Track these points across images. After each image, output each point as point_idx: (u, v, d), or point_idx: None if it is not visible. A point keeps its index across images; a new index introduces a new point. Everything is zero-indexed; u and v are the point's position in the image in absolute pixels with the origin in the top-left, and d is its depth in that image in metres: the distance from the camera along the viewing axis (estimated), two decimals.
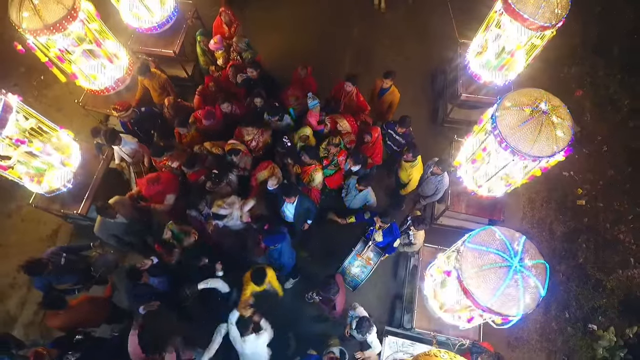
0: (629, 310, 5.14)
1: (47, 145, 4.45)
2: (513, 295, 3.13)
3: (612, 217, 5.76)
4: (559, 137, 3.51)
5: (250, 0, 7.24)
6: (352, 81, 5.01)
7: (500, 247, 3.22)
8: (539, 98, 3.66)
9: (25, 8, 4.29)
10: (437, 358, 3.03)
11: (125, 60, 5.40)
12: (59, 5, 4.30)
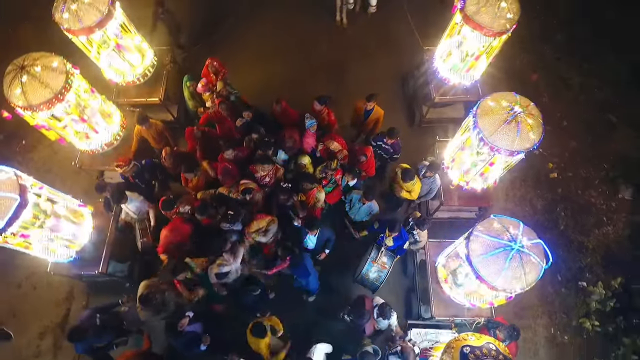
0: (611, 264, 5.83)
1: (61, 219, 4.51)
2: (518, 274, 3.62)
3: (582, 184, 6.46)
4: (532, 136, 4.05)
5: (218, 41, 7.48)
6: (320, 101, 5.41)
7: (501, 235, 3.71)
8: (512, 102, 4.17)
9: (15, 86, 4.36)
10: (466, 341, 3.49)
11: (118, 117, 5.54)
12: (46, 89, 4.28)
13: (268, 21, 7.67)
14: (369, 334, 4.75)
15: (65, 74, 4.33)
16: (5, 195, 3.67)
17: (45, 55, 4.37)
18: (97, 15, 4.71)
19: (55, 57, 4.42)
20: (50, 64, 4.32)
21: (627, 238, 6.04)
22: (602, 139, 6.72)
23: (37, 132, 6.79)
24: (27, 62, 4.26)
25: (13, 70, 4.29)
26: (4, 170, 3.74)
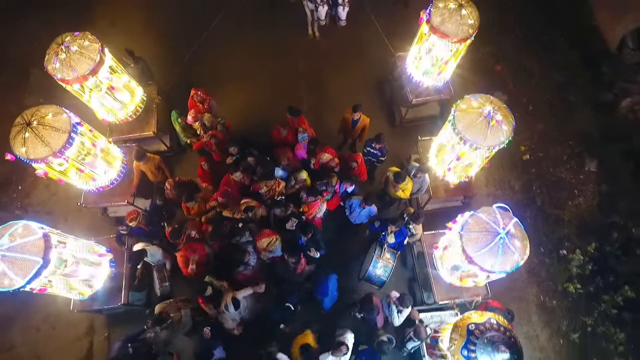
0: (585, 232, 6.48)
1: (80, 265, 4.74)
2: (509, 256, 4.14)
3: (552, 162, 7.08)
4: (505, 129, 4.56)
5: (194, 71, 7.67)
6: (290, 112, 5.81)
7: (488, 226, 4.20)
8: (484, 103, 4.68)
9: (19, 141, 4.55)
10: (470, 319, 3.99)
11: (118, 152, 5.76)
12: (46, 147, 4.48)
13: (240, 43, 7.92)
14: (381, 326, 5.21)
15: (67, 133, 4.52)
16: (29, 258, 3.89)
17: (53, 111, 4.58)
18: (89, 63, 4.96)
19: (62, 113, 4.60)
20: (55, 124, 4.51)
21: (597, 206, 6.70)
22: (565, 119, 7.37)
23: (32, 176, 7.05)
24: (34, 118, 4.44)
25: (20, 124, 4.50)
26: (33, 230, 3.95)
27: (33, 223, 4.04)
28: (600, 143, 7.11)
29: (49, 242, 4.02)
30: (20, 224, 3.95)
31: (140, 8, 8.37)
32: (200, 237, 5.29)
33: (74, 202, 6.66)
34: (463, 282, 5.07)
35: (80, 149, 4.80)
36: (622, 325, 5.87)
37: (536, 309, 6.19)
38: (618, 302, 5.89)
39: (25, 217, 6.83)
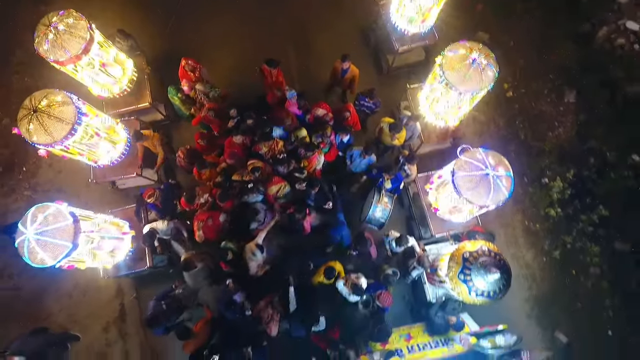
0: (565, 161, 7.00)
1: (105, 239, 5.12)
2: (498, 192, 4.62)
3: (534, 97, 7.42)
4: (489, 76, 4.85)
5: (178, 40, 7.55)
6: (268, 64, 5.97)
7: (480, 163, 4.64)
8: (470, 49, 4.91)
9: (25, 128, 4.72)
10: (465, 248, 4.55)
11: (123, 134, 5.92)
12: (48, 136, 4.65)
13: (217, 3, 7.76)
14: (375, 257, 5.73)
15: (71, 124, 4.65)
16: (60, 243, 4.25)
17: (60, 100, 4.68)
18: (80, 42, 4.98)
19: (69, 103, 4.71)
20: (60, 115, 4.64)
21: (576, 135, 7.18)
22: (545, 53, 7.61)
23: (34, 157, 7.21)
24: (41, 105, 4.57)
25: (27, 109, 4.65)
26: (64, 215, 4.26)
27: (64, 207, 4.33)
28: (578, 75, 7.43)
29: (78, 227, 4.35)
30: (53, 207, 4.24)
31: None
32: (212, 201, 5.64)
33: (81, 177, 6.96)
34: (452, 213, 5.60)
35: (83, 137, 4.94)
36: (596, 241, 6.61)
37: (522, 233, 6.86)
38: (594, 220, 6.56)
39: (36, 197, 7.10)
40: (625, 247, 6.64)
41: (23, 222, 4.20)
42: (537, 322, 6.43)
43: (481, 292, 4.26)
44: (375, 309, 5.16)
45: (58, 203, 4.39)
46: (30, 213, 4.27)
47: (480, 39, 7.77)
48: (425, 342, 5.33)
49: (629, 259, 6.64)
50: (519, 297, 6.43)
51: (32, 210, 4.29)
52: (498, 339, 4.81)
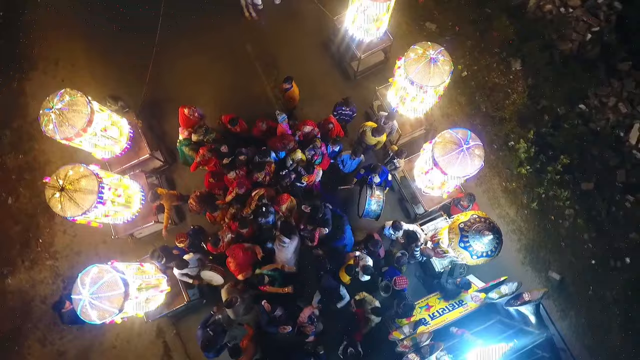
0: (524, 123, 7.91)
1: None
2: (471, 164, 5.42)
3: (486, 71, 8.28)
4: (446, 70, 5.63)
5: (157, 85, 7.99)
6: (231, 123, 6.57)
7: (454, 142, 5.42)
8: (426, 47, 5.67)
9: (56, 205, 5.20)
10: (459, 220, 5.31)
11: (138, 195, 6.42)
12: (78, 208, 5.19)
13: (188, 45, 8.19)
14: (383, 257, 6.48)
15: (95, 194, 5.17)
16: (109, 309, 4.76)
17: (82, 174, 5.19)
18: (83, 117, 5.44)
19: (89, 175, 5.21)
20: (85, 186, 5.16)
21: (528, 98, 8.10)
22: (487, 31, 8.49)
23: (48, 226, 7.58)
24: (66, 182, 5.04)
25: (54, 188, 5.11)
26: (107, 270, 4.77)
27: (117, 276, 4.79)
28: (519, 44, 8.34)
29: (127, 294, 4.84)
30: (109, 274, 4.72)
31: (77, 39, 8.34)
32: (236, 236, 6.21)
33: (96, 236, 7.40)
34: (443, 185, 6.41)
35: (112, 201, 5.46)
36: (565, 186, 7.57)
37: (502, 194, 7.74)
38: (559, 169, 7.51)
39: (58, 264, 7.47)
40: (589, 186, 7.63)
41: (82, 282, 4.65)
42: (532, 267, 7.34)
43: (481, 254, 5.07)
44: (395, 291, 5.90)
45: (113, 265, 4.87)
46: (90, 276, 4.70)
47: (428, 29, 8.60)
48: (443, 308, 6.11)
49: (595, 195, 7.64)
50: (512, 250, 7.32)
51: (92, 272, 4.73)
52: (502, 288, 5.62)
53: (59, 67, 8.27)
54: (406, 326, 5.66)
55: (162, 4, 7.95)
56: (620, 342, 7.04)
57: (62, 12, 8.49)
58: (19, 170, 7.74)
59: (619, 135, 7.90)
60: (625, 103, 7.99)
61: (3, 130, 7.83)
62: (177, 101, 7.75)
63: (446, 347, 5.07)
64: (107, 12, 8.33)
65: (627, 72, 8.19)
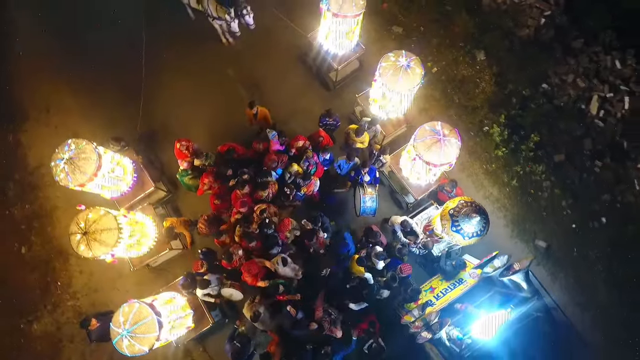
0: (494, 108, 8.58)
1: None
2: (454, 146, 6.02)
3: (454, 65, 8.90)
4: (417, 73, 6.21)
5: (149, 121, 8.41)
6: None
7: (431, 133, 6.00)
8: (397, 55, 6.24)
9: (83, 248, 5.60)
10: (448, 207, 5.90)
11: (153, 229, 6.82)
12: (104, 247, 5.59)
13: (173, 77, 8.62)
14: (386, 245, 7.04)
15: (117, 229, 5.58)
16: (147, 320, 5.22)
17: (101, 216, 5.57)
18: (93, 163, 5.82)
19: (107, 215, 5.60)
20: (105, 225, 5.57)
21: (495, 85, 8.77)
22: (449, 27, 9.14)
23: (64, 269, 7.90)
24: (87, 226, 5.43)
25: (77, 233, 5.49)
26: (135, 302, 5.20)
27: (155, 320, 5.20)
28: (481, 36, 9.01)
29: (159, 338, 5.27)
30: (149, 318, 5.13)
31: (63, 84, 8.66)
32: (247, 252, 6.66)
33: (112, 271, 7.74)
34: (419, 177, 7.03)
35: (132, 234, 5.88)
36: (539, 161, 8.26)
37: (484, 176, 8.38)
38: (531, 146, 8.20)
39: (79, 303, 7.79)
40: (561, 158, 8.34)
41: (123, 316, 5.06)
42: (520, 239, 8.00)
43: (472, 234, 5.66)
44: (400, 279, 6.46)
45: (151, 307, 5.27)
46: (132, 312, 5.14)
47: (395, 32, 9.20)
48: (445, 288, 6.69)
49: (567, 165, 8.35)
50: (499, 226, 7.96)
51: (135, 309, 5.18)
52: (495, 262, 6.23)
53: (51, 114, 8.57)
54: (415, 309, 6.22)
55: (143, 41, 8.38)
56: (607, 294, 7.76)
57: (45, 60, 8.81)
58: (28, 220, 8.02)
59: (581, 108, 8.63)
60: (582, 78, 8.73)
61: (6, 183, 8.09)
62: (170, 131, 8.27)
63: (453, 322, 5.65)
64: (88, 52, 8.73)
65: (580, 49, 8.94)
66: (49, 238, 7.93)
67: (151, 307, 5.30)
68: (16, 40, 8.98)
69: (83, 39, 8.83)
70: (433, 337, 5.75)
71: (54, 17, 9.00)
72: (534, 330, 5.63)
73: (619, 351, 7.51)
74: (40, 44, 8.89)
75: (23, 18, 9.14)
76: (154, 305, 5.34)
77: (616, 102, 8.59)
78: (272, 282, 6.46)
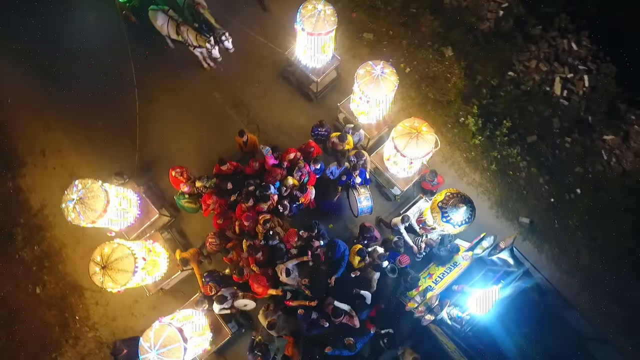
0: (467, 100, 9.17)
1: None
2: (429, 140, 6.58)
3: (425, 63, 9.46)
4: (392, 79, 6.74)
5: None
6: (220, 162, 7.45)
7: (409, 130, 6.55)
8: (376, 65, 6.77)
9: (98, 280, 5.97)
10: (437, 200, 6.45)
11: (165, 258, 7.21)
12: (116, 285, 5.99)
13: (164, 108, 9.02)
14: (380, 239, 7.57)
15: (132, 272, 5.97)
16: (175, 346, 5.63)
17: (120, 254, 5.97)
18: (101, 200, 6.19)
19: (127, 256, 6.02)
20: (122, 267, 5.97)
21: (465, 78, 9.37)
22: (416, 28, 9.70)
23: (80, 303, 8.21)
24: (106, 261, 5.81)
25: (97, 265, 5.87)
26: (165, 323, 5.60)
27: (182, 346, 5.59)
28: (447, 34, 9.60)
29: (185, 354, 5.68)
30: (173, 346, 5.52)
31: (55, 125, 8.96)
32: (260, 265, 7.07)
33: (126, 300, 8.09)
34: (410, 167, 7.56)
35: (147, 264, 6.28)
36: (513, 144, 8.88)
37: (465, 164, 8.97)
38: (504, 132, 8.82)
39: (99, 334, 8.11)
40: (533, 138, 8.99)
41: (155, 338, 5.47)
42: (505, 218, 8.61)
43: (460, 223, 6.20)
44: (400, 270, 6.99)
45: (180, 332, 5.67)
46: (163, 336, 5.55)
47: (367, 39, 9.72)
48: (442, 272, 7.22)
49: (539, 145, 9.00)
50: (484, 209, 8.55)
51: (166, 332, 5.59)
52: (484, 243, 6.77)
53: (47, 156, 8.86)
54: (417, 296, 6.75)
55: (133, 75, 8.74)
56: (589, 259, 8.42)
57: (33, 103, 9.12)
58: (38, 261, 8.31)
59: (546, 90, 9.28)
60: (544, 62, 9.39)
61: (13, 228, 8.35)
62: (165, 159, 8.66)
63: (452, 302, 6.19)
64: (74, 90, 9.07)
65: (539, 35, 9.60)
66: (61, 275, 8.23)
67: (180, 333, 5.70)
68: (2, 88, 9.23)
69: (67, 78, 9.16)
70: (436, 318, 6.27)
71: (35, 60, 9.32)
72: (525, 301, 6.21)
73: (607, 307, 8.16)
74: (26, 89, 9.20)
75: (4, 64, 9.40)
76: (182, 330, 5.72)
77: (577, 81, 9.27)
78: (281, 288, 6.91)
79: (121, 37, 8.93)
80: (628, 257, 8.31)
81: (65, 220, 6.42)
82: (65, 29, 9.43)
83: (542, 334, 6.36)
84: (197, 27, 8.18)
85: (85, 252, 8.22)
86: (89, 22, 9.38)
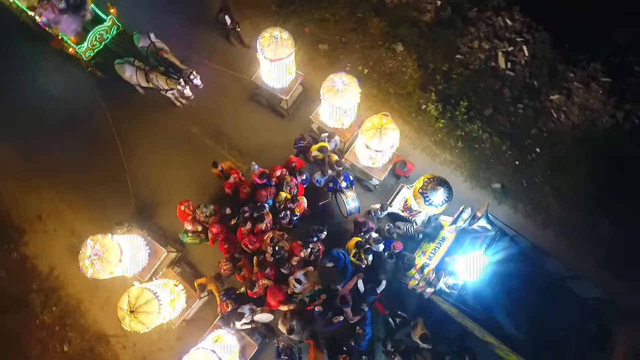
0: (424, 88, 9.97)
1: None
2: (394, 132, 7.36)
3: (380, 62, 10.18)
4: (357, 92, 7.46)
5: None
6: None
7: None
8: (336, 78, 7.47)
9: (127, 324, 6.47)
10: (417, 187, 7.21)
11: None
12: (143, 326, 6.56)
13: (146, 152, 9.44)
14: (375, 229, 8.29)
15: (156, 314, 6.50)
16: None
17: (146, 299, 6.47)
18: (116, 253, 6.67)
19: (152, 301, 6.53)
20: (148, 309, 6.50)
21: (419, 69, 10.17)
22: (366, 31, 10.44)
23: (108, 350, 8.63)
24: (133, 307, 6.31)
25: (124, 312, 6.35)
26: (202, 348, 6.16)
27: None
28: (394, 31, 10.36)
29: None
30: None
31: (44, 188, 9.26)
32: (271, 281, 7.65)
33: (150, 337, 8.50)
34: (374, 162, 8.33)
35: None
36: (473, 120, 9.74)
37: (434, 147, 9.76)
38: (463, 111, 9.67)
39: None
40: (490, 111, 9.88)
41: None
42: (479, 188, 9.47)
43: (441, 202, 7.00)
44: (396, 254, 7.74)
45: None
46: None
47: (323, 50, 10.39)
48: (434, 248, 7.99)
49: (496, 116, 9.90)
50: (460, 183, 9.35)
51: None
52: (463, 215, 7.56)
53: (44, 220, 9.18)
54: (416, 274, 7.51)
55: (111, 126, 9.16)
56: (559, 208, 9.39)
57: (18, 172, 9.41)
58: (59, 320, 8.65)
59: (492, 66, 10.20)
60: (485, 41, 10.30)
61: (28, 296, 8.66)
62: (159, 198, 9.14)
63: (446, 273, 6.99)
64: (60, 151, 9.41)
65: (476, 17, 10.50)
66: (84, 329, 8.60)
67: None
68: None
69: (48, 141, 9.45)
70: (435, 289, 7.06)
71: (12, 128, 9.61)
72: (508, 259, 7.08)
73: (582, 246, 9.10)
74: (8, 158, 9.44)
75: None
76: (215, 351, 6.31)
77: (517, 52, 10.22)
78: (299, 298, 7.54)
79: (93, 93, 9.33)
80: (591, 199, 9.31)
81: (76, 277, 6.88)
82: (36, 94, 9.76)
83: (529, 283, 7.24)
84: (164, 71, 8.67)
85: (102, 302, 8.64)
86: (58, 84, 9.71)
